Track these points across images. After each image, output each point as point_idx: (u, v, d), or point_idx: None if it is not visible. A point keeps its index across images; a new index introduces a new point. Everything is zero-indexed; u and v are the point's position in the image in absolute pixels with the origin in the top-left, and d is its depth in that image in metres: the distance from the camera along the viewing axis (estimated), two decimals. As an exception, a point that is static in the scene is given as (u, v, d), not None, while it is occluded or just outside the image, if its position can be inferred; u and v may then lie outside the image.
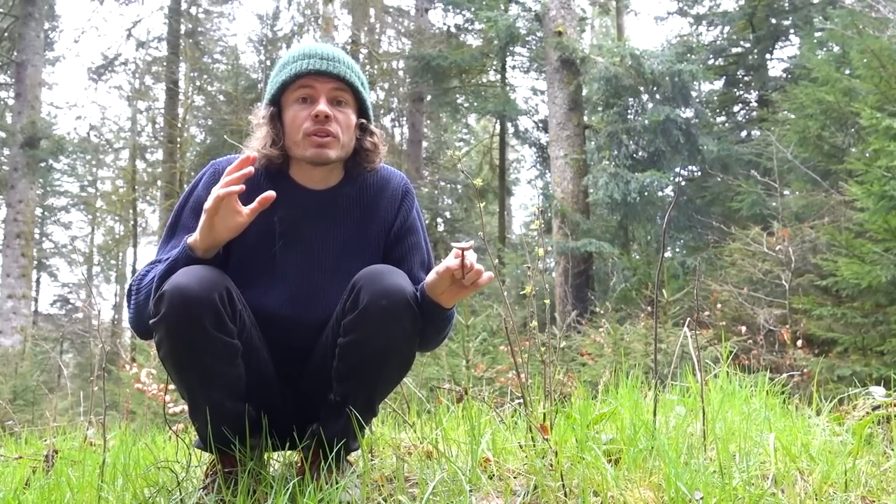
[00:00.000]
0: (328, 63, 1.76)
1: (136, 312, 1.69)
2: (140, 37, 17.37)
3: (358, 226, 1.84)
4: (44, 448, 2.77)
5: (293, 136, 1.77)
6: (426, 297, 1.68)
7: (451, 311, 1.74)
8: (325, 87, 1.76)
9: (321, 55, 1.77)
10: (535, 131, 14.89)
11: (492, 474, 1.78)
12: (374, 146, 1.85)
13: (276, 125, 1.79)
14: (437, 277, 1.64)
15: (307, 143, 1.75)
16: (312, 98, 1.76)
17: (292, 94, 1.77)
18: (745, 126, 13.04)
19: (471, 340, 4.99)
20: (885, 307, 5.57)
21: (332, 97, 1.76)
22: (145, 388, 5.72)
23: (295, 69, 1.76)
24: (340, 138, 1.76)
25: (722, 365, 2.58)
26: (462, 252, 1.59)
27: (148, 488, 1.82)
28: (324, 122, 1.74)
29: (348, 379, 1.67)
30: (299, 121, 1.76)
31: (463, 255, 1.59)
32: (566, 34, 10.35)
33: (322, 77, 1.76)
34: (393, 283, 1.61)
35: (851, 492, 1.59)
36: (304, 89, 1.76)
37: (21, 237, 12.34)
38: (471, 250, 1.61)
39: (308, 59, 1.77)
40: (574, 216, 9.84)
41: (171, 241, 1.78)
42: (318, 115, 1.73)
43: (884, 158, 5.33)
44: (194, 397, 1.65)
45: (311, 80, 1.76)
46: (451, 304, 1.69)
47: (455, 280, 1.62)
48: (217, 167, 1.83)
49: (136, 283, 1.70)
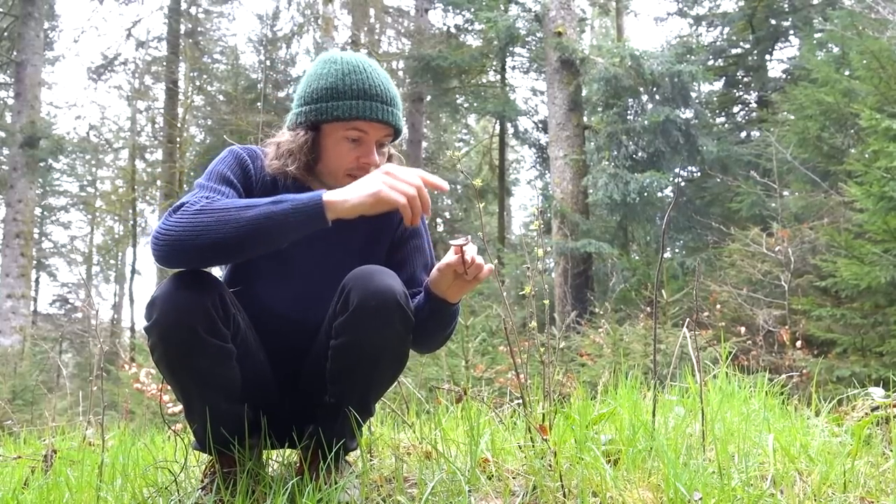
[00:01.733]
0: (387, 110, 1.71)
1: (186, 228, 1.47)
2: (140, 36, 17.42)
3: (364, 229, 1.84)
4: (42, 448, 2.77)
5: (332, 171, 1.74)
6: (431, 293, 1.69)
7: (457, 305, 1.75)
8: (378, 135, 1.73)
9: (382, 97, 1.71)
10: (534, 132, 14.91)
11: (491, 475, 1.78)
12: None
13: (315, 153, 1.73)
14: (438, 274, 1.66)
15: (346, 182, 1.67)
16: (363, 141, 1.72)
17: (342, 132, 1.71)
18: (745, 127, 13.05)
19: (470, 341, 4.99)
20: (884, 308, 5.58)
21: (379, 141, 1.74)
22: (144, 388, 5.72)
23: (355, 110, 1.69)
24: None
25: (721, 365, 2.59)
26: (461, 248, 1.59)
27: (147, 488, 1.82)
28: (368, 169, 1.71)
29: (342, 380, 1.66)
30: (345, 161, 1.72)
31: (463, 252, 1.60)
32: (566, 35, 10.36)
33: (379, 124, 1.71)
34: (382, 283, 1.59)
35: (850, 492, 1.59)
36: (357, 132, 1.71)
37: (20, 237, 12.33)
38: (469, 244, 1.61)
39: (370, 101, 1.70)
40: (573, 217, 9.85)
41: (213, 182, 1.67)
42: (370, 164, 1.71)
43: (883, 159, 5.33)
44: (189, 400, 1.65)
45: (367, 126, 1.70)
46: (457, 299, 1.71)
47: (458, 275, 1.64)
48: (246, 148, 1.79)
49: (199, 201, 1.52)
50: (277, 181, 1.76)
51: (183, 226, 1.48)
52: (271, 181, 1.76)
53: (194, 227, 1.48)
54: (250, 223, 1.48)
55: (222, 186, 1.65)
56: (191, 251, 1.48)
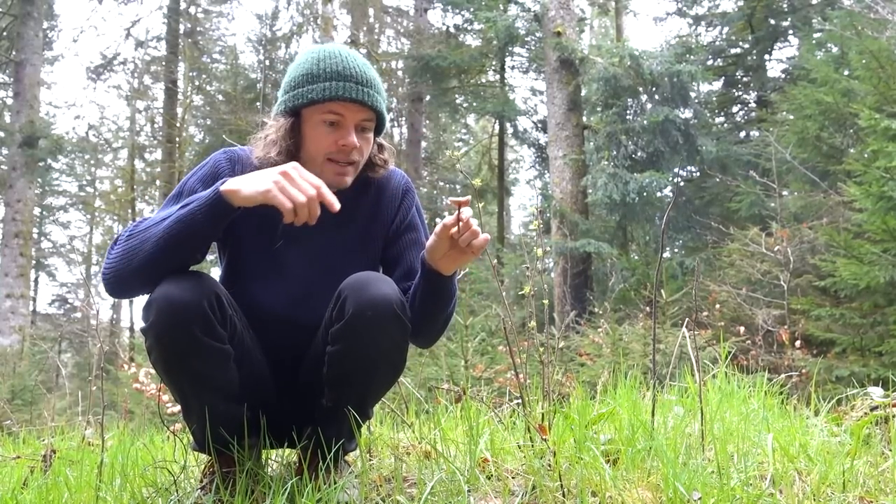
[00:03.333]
0: (362, 90, 1.68)
1: (120, 257, 1.55)
2: (139, 36, 17.33)
3: (359, 226, 1.84)
4: (42, 448, 2.77)
5: (313, 154, 1.71)
6: (426, 265, 1.67)
7: (453, 284, 1.72)
8: (356, 117, 1.70)
9: (357, 78, 1.68)
10: (534, 131, 14.91)
11: (490, 474, 1.78)
12: (385, 162, 1.83)
13: (295, 138, 1.72)
14: (436, 239, 1.62)
15: (328, 168, 1.69)
16: (340, 124, 1.69)
17: (319, 115, 1.69)
18: (744, 127, 13.04)
19: (469, 340, 4.99)
20: (883, 308, 5.58)
21: (359, 124, 1.71)
22: (143, 388, 5.71)
23: (328, 91, 1.66)
24: (359, 164, 1.74)
25: (720, 365, 2.59)
26: (458, 204, 1.57)
27: (146, 488, 1.82)
28: (349, 153, 1.70)
29: (339, 386, 1.66)
30: (324, 145, 1.69)
31: (459, 210, 1.58)
32: (565, 35, 10.35)
33: (355, 105, 1.68)
34: (378, 292, 1.58)
35: (849, 492, 1.59)
36: (333, 115, 1.68)
37: (19, 237, 12.33)
38: (468, 207, 1.59)
39: (343, 81, 1.67)
40: (573, 216, 9.85)
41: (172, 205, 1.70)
42: (347, 146, 1.68)
43: (882, 159, 5.33)
44: (186, 401, 1.65)
45: (342, 108, 1.68)
46: (451, 271, 1.66)
47: (453, 243, 1.61)
48: (228, 152, 1.79)
49: (130, 228, 1.60)
50: None
51: (117, 256, 1.56)
52: None
53: (125, 253, 1.55)
54: (167, 232, 1.53)
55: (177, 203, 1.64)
56: (129, 277, 1.56)
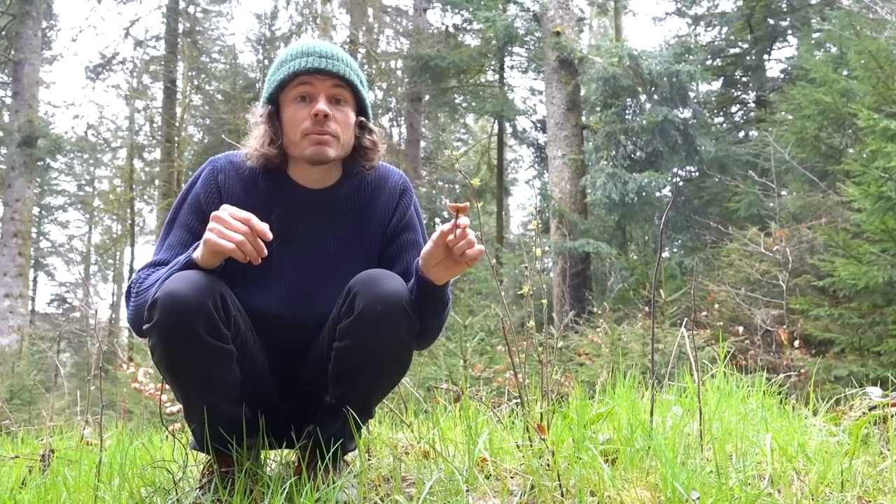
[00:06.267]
0: (327, 61, 1.74)
1: (135, 314, 1.67)
2: (138, 36, 17.31)
3: (356, 225, 1.84)
4: (40, 447, 2.77)
5: (292, 135, 1.75)
6: (419, 272, 1.66)
7: (447, 293, 1.71)
8: (324, 86, 1.75)
9: (319, 52, 1.75)
10: (533, 131, 14.91)
11: (489, 474, 1.78)
12: (374, 144, 1.84)
13: (275, 124, 1.77)
14: (432, 245, 1.61)
15: (306, 142, 1.73)
16: (311, 96, 1.74)
17: (291, 93, 1.75)
18: (743, 127, 13.05)
19: (468, 340, 4.99)
20: (881, 308, 5.58)
21: (330, 95, 1.75)
22: (142, 388, 5.71)
23: (293, 67, 1.73)
24: (340, 137, 1.75)
25: (719, 365, 2.59)
26: (457, 212, 1.57)
27: (144, 488, 1.82)
28: (323, 121, 1.72)
29: (344, 382, 1.66)
30: (298, 120, 1.74)
31: (457, 216, 1.57)
32: (564, 34, 10.36)
33: (321, 75, 1.74)
34: (388, 288, 1.60)
35: (848, 492, 1.59)
36: (302, 87, 1.74)
37: (18, 236, 12.31)
38: (465, 217, 1.57)
39: (306, 56, 1.74)
40: (572, 216, 9.85)
41: (169, 239, 1.78)
42: (318, 113, 1.72)
43: (881, 159, 5.34)
44: (189, 400, 1.65)
45: (309, 79, 1.74)
46: (443, 280, 1.65)
47: (448, 251, 1.60)
48: (216, 164, 1.83)
49: (135, 285, 1.69)
50: (248, 187, 1.80)
51: (131, 315, 1.70)
52: (242, 188, 1.80)
53: (134, 313, 1.67)
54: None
55: (168, 251, 1.75)
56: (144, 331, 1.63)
